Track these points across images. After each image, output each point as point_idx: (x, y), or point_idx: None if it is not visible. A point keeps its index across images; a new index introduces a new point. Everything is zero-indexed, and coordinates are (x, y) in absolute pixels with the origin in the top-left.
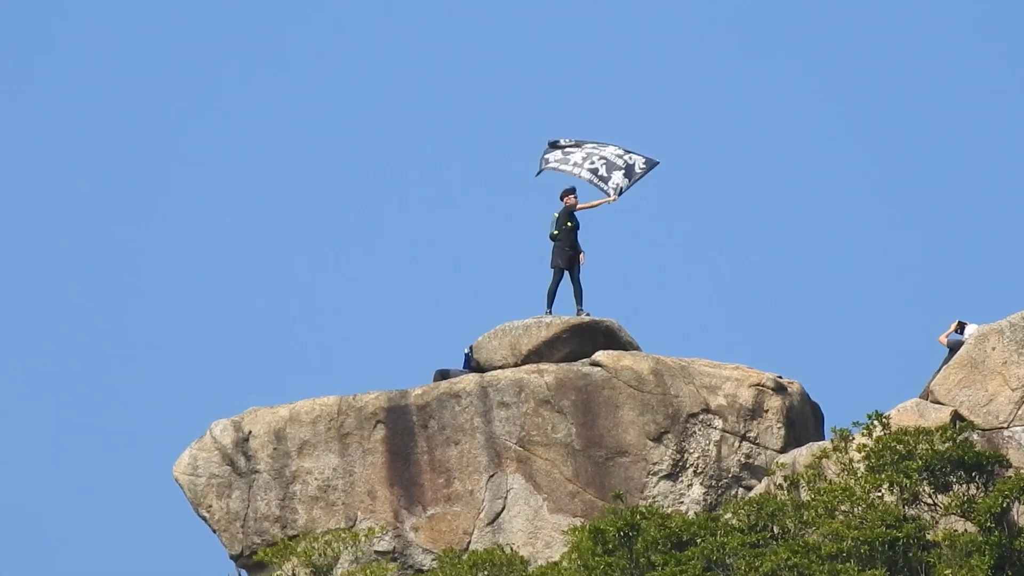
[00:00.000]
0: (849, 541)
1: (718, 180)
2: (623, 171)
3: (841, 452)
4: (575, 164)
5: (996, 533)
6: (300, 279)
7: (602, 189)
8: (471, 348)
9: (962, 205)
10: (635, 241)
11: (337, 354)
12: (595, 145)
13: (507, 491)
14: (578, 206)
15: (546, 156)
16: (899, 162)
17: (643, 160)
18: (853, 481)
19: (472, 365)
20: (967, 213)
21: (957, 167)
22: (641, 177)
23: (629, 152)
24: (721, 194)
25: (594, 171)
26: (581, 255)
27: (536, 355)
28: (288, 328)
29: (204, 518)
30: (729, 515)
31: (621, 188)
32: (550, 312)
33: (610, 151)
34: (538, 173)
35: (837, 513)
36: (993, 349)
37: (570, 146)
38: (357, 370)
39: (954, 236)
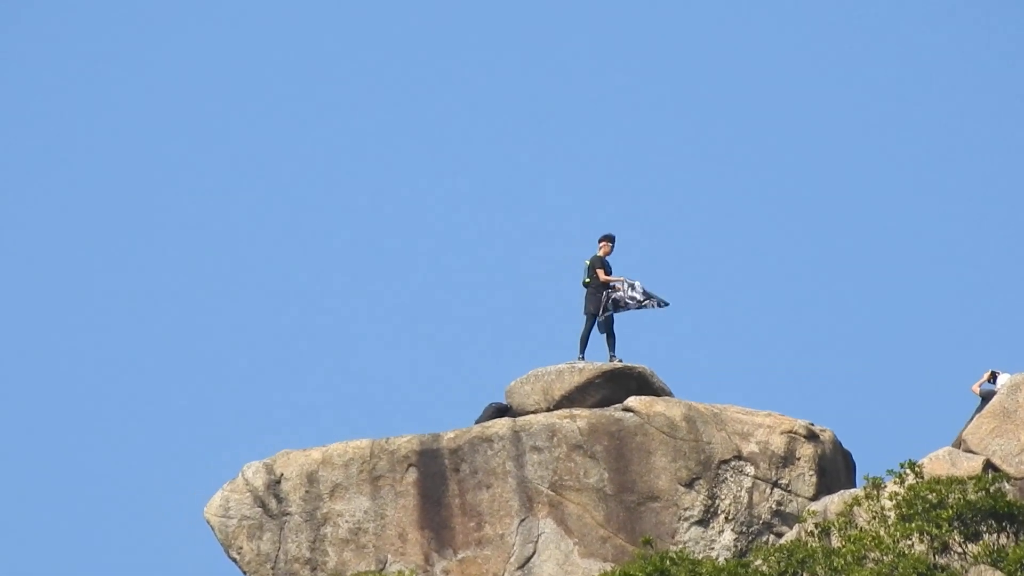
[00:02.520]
0: None
1: (747, 228)
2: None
3: (873, 500)
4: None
5: None
6: (336, 320)
7: (636, 300)
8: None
9: (998, 254)
10: (667, 287)
11: (370, 396)
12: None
13: (538, 535)
14: (602, 276)
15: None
16: (935, 207)
17: (656, 302)
18: (884, 529)
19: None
20: (1004, 260)
21: (996, 215)
22: (647, 303)
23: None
24: (751, 241)
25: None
26: (607, 294)
27: (568, 400)
28: (322, 369)
29: (235, 559)
30: (759, 561)
31: (638, 291)
32: (583, 358)
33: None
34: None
35: (867, 561)
36: None
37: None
38: (390, 413)
39: (990, 283)
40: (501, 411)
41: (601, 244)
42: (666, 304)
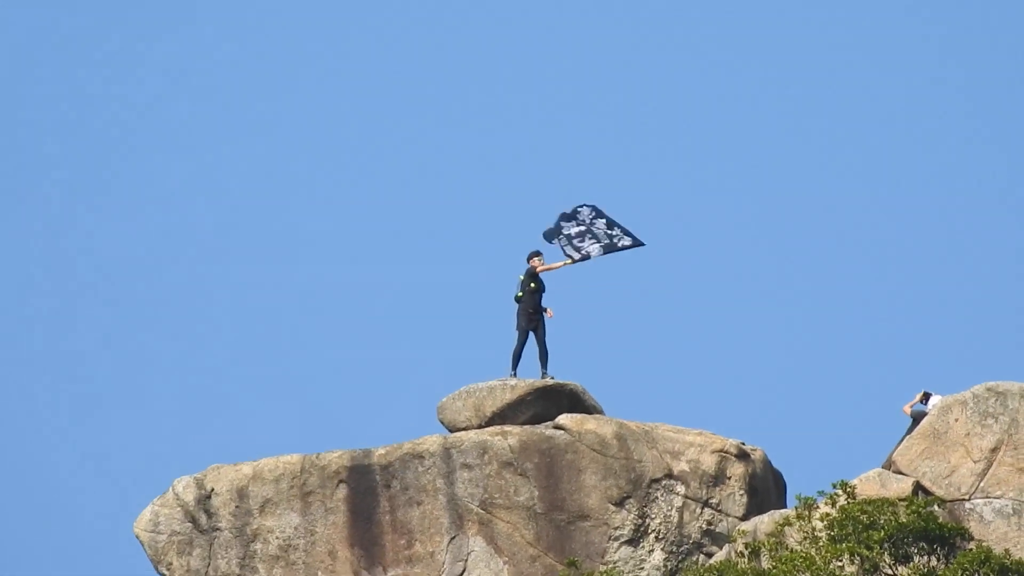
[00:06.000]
0: None
1: (684, 244)
2: (601, 244)
3: (804, 520)
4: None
5: None
6: (267, 336)
7: (567, 253)
8: None
9: (931, 275)
10: (600, 305)
11: (301, 412)
12: (592, 219)
13: (468, 553)
14: (539, 268)
15: (564, 233)
16: (866, 227)
17: (629, 240)
18: (814, 550)
19: None
20: (937, 283)
21: (928, 234)
22: (618, 250)
23: (616, 228)
24: (686, 257)
25: (579, 249)
26: (548, 311)
27: (500, 417)
28: (253, 385)
29: (164, 575)
30: None
31: (588, 254)
32: (515, 374)
33: (600, 224)
34: (551, 239)
35: None
36: (956, 420)
37: (581, 223)
38: (321, 429)
39: (921, 306)
40: None
41: (530, 260)
42: (640, 243)
